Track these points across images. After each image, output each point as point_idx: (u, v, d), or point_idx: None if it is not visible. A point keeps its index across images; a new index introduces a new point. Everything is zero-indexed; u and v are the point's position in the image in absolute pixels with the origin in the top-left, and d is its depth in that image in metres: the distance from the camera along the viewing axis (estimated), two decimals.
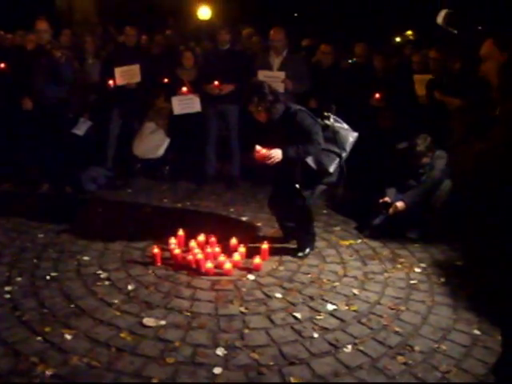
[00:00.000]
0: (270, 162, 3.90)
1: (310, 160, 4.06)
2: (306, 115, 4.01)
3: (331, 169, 4.11)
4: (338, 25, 15.07)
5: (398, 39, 17.95)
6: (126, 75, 6.00)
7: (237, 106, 6.06)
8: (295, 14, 19.20)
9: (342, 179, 4.24)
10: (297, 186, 4.08)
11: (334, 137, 4.17)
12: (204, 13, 12.83)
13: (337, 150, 4.15)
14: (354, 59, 6.66)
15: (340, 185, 4.34)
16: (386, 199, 4.64)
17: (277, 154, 3.88)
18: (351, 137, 4.24)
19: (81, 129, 5.92)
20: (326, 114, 4.26)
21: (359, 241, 4.63)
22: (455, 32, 5.03)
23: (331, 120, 4.24)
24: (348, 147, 4.21)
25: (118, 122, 6.33)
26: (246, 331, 3.15)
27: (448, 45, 5.71)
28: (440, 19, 4.92)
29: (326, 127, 4.19)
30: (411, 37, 17.12)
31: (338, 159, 4.14)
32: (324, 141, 4.03)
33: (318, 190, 4.29)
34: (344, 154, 4.18)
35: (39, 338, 3.00)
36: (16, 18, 6.84)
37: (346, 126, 4.31)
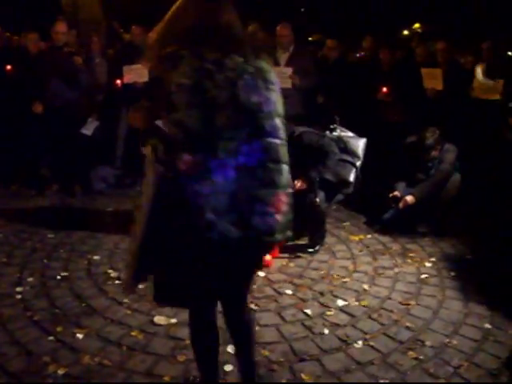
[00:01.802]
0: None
1: (328, 175, 4.11)
2: (312, 133, 4.09)
3: (351, 178, 4.14)
4: (346, 18, 14.99)
5: (405, 32, 17.83)
6: (133, 74, 5.98)
7: None
8: (302, 9, 19.14)
9: (357, 187, 4.26)
10: (317, 200, 4.11)
11: (345, 147, 4.20)
12: None
13: (350, 159, 4.18)
14: (362, 53, 6.61)
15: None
16: (396, 193, 4.61)
17: (301, 185, 4.06)
18: (361, 143, 4.26)
19: (89, 129, 5.94)
20: (331, 126, 4.27)
21: (369, 236, 4.62)
22: None
23: (338, 131, 4.27)
24: (361, 153, 4.23)
25: (126, 121, 6.34)
26: (257, 328, 3.13)
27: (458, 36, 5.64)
28: None
29: (335, 140, 4.20)
30: (419, 30, 16.98)
31: (354, 168, 4.16)
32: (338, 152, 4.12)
33: (336, 199, 4.31)
34: (358, 163, 4.20)
35: (51, 338, 3.01)
36: (22, 19, 6.84)
37: (351, 133, 4.33)
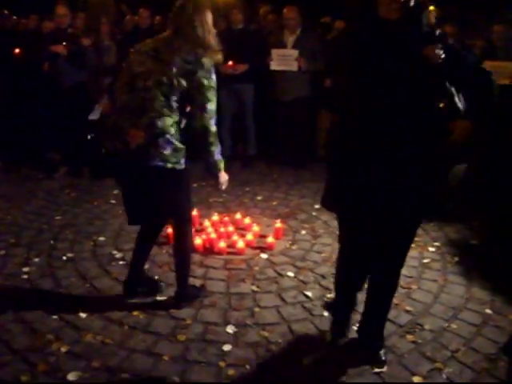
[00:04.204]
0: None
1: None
2: None
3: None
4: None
5: None
6: None
7: (252, 85, 6.05)
8: None
9: None
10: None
11: None
12: None
13: None
14: None
15: None
16: None
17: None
18: None
19: (96, 114, 5.95)
20: None
21: None
22: None
23: None
24: None
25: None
26: (257, 309, 3.18)
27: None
28: None
29: None
30: (434, 12, 16.62)
31: None
32: None
33: None
34: None
35: (55, 317, 3.07)
36: (30, 2, 6.84)
37: None
